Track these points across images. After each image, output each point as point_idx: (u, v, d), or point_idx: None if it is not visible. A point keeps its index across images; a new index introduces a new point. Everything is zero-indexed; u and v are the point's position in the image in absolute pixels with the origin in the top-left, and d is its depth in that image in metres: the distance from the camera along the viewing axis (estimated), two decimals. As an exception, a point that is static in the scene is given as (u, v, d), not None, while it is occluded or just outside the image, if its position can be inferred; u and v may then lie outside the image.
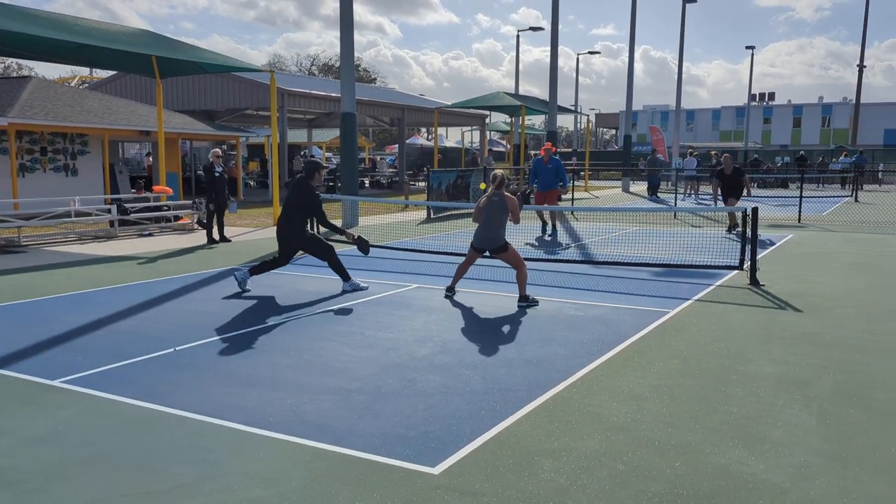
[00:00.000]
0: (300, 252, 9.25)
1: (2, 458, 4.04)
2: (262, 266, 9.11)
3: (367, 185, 33.92)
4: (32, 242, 13.55)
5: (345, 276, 9.07)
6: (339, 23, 16.89)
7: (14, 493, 3.63)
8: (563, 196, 25.47)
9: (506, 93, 33.20)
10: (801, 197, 19.81)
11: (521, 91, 46.60)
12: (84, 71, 43.09)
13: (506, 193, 8.46)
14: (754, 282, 9.43)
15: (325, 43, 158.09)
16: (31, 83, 20.96)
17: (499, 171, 8.70)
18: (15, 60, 59.20)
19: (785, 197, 27.13)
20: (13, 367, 5.72)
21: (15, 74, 54.25)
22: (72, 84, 38.02)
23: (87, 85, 36.21)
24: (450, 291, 8.71)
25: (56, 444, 4.25)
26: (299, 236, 9.03)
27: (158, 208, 16.37)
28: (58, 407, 4.86)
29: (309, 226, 9.36)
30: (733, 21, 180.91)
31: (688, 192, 29.54)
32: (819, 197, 27.42)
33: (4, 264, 11.00)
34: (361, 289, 9.02)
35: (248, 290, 8.89)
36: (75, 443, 4.26)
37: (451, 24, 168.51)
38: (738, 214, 11.16)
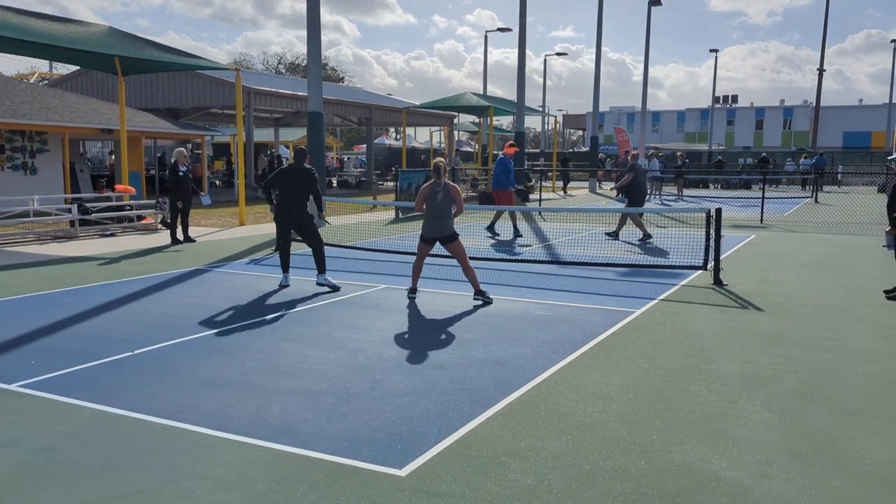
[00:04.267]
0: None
1: (-45, 466, 3.93)
2: (285, 259, 9.42)
3: (334, 185, 33.72)
4: (-11, 243, 13.21)
5: (323, 268, 9.23)
6: (295, 22, 17.05)
7: (-32, 502, 3.53)
8: (532, 196, 25.59)
9: (473, 93, 33.25)
10: (763, 198, 20.17)
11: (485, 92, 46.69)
12: (44, 66, 42.19)
13: (449, 182, 8.35)
14: (718, 281, 9.57)
15: (284, 41, 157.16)
16: (-12, 79, 20.44)
17: (440, 160, 8.49)
18: (-29, 56, 57.71)
19: (748, 198, 27.61)
20: (-32, 371, 5.57)
21: (-29, 70, 52.83)
22: (31, 80, 37.18)
23: (46, 81, 35.43)
24: (412, 293, 8.65)
25: (13, 449, 4.14)
26: (310, 217, 9.34)
27: (121, 208, 16.08)
28: (14, 412, 4.74)
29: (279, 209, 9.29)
30: (689, 25, 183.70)
31: (652, 192, 29.89)
32: (781, 198, 27.95)
33: (-40, 265, 10.70)
34: (334, 286, 9.05)
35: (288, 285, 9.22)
36: (32, 448, 4.16)
37: (409, 24, 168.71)
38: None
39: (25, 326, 7.00)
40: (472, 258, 11.42)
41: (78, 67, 27.84)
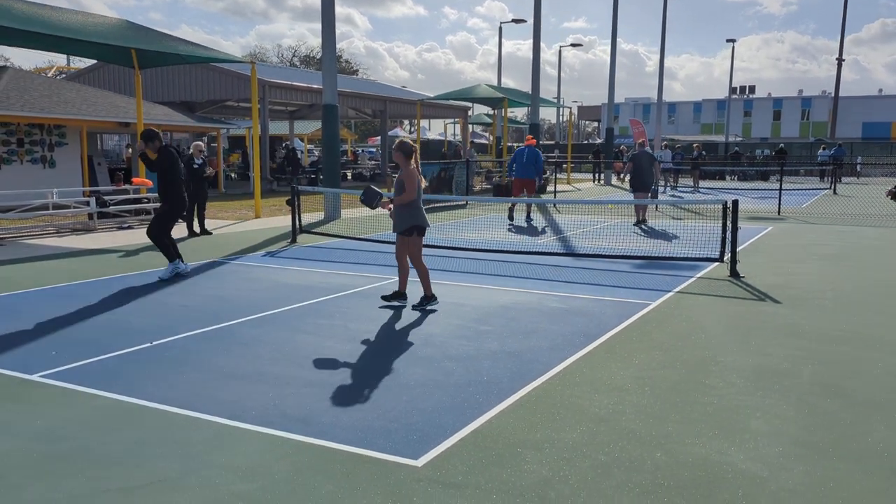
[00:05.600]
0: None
1: (-21, 454, 3.99)
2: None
3: (349, 177, 33.80)
4: (9, 235, 13.37)
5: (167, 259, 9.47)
6: (306, 14, 17.17)
7: (-8, 489, 3.59)
8: (547, 188, 25.56)
9: (488, 85, 33.17)
10: (780, 189, 20.00)
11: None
12: (61, 60, 42.53)
13: (409, 166, 7.48)
14: (734, 274, 9.51)
15: (297, 34, 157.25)
16: (7, 74, 20.64)
17: (407, 139, 7.65)
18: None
19: (765, 189, 27.38)
20: (-10, 361, 5.65)
21: (-10, 64, 53.35)
22: (49, 74, 37.47)
23: (64, 75, 35.71)
24: (400, 298, 7.83)
25: (34, 439, 4.20)
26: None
27: (138, 200, 16.20)
28: (36, 401, 4.81)
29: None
30: (703, 15, 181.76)
31: (666, 184, 29.73)
32: (798, 189, 27.70)
33: (-19, 257, 10.84)
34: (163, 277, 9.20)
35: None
36: (54, 438, 4.22)
37: (420, 16, 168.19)
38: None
39: (46, 317, 7.09)
40: (487, 250, 11.45)
41: (95, 61, 28.04)
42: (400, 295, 7.76)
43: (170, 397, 4.88)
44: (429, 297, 7.66)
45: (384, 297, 7.81)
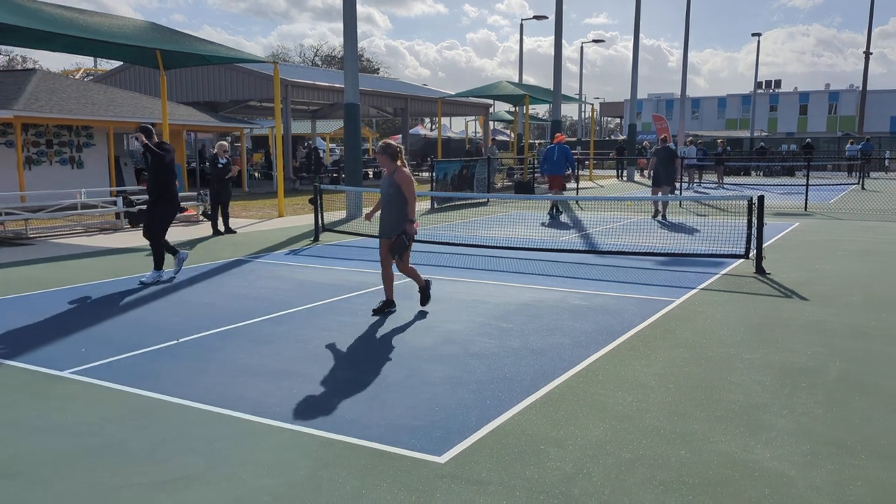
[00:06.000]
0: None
1: (10, 448, 4.07)
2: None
3: (370, 175, 33.91)
4: (39, 235, 13.60)
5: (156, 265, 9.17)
6: (327, 14, 17.20)
7: (22, 484, 3.66)
8: (568, 185, 25.53)
9: (509, 82, 33.09)
10: (807, 185, 19.73)
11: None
12: (89, 62, 43.12)
13: (402, 169, 7.03)
14: (760, 270, 9.41)
15: (318, 34, 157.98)
16: (36, 76, 20.99)
17: (391, 141, 7.16)
18: (19, 53, 59.30)
19: (791, 185, 27.03)
20: (22, 357, 5.76)
21: (20, 67, 54.28)
22: (76, 76, 38.02)
23: (91, 77, 36.22)
24: (390, 306, 7.37)
25: (64, 434, 4.28)
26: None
27: (163, 200, 16.36)
28: (66, 398, 4.89)
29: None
30: (726, 9, 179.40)
31: (691, 181, 29.47)
32: (825, 185, 27.30)
33: (12, 256, 11.04)
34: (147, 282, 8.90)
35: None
36: (83, 433, 4.29)
37: (440, 14, 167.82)
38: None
39: (75, 315, 7.20)
40: (508, 248, 11.43)
41: (121, 63, 28.39)
42: (389, 303, 7.32)
43: (195, 394, 4.93)
44: (391, 302, 7.37)
45: (375, 311, 7.20)
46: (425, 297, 7.46)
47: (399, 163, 7.03)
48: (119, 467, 3.84)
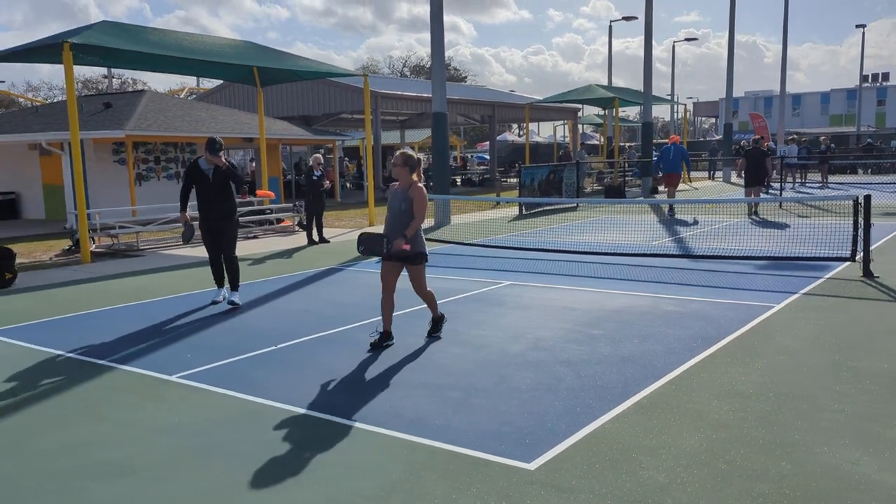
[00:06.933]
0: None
1: (125, 448, 4.36)
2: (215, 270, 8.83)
3: (458, 183, 34.14)
4: (149, 246, 14.42)
5: (235, 285, 8.58)
6: (413, 25, 17.61)
7: (137, 481, 3.91)
8: (660, 188, 24.94)
9: (598, 85, 32.65)
10: (920, 182, 18.53)
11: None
12: (192, 82, 45.40)
13: (417, 183, 6.31)
14: (868, 273, 8.92)
15: (405, 45, 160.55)
16: (146, 97, 22.29)
17: (410, 151, 6.45)
18: (130, 75, 63.09)
19: (903, 183, 25.42)
20: (134, 363, 6.14)
21: (131, 89, 57.76)
22: (181, 95, 40.14)
23: (194, 96, 38.13)
24: (388, 339, 6.49)
25: (174, 435, 4.54)
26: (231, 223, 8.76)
27: (262, 212, 17.08)
28: (174, 401, 5.19)
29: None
30: (826, 1, 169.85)
31: (794, 181, 28.19)
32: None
33: (125, 267, 11.77)
34: (234, 304, 8.38)
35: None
36: (191, 434, 4.54)
37: (525, 20, 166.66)
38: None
39: (181, 322, 7.62)
40: (598, 253, 11.28)
41: (221, 81, 29.77)
42: (387, 335, 6.50)
43: (293, 398, 5.13)
44: (440, 319, 6.82)
45: (374, 345, 6.37)
46: (436, 328, 6.74)
47: (416, 177, 6.35)
48: (225, 467, 4.04)
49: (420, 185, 6.33)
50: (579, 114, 42.52)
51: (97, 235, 14.20)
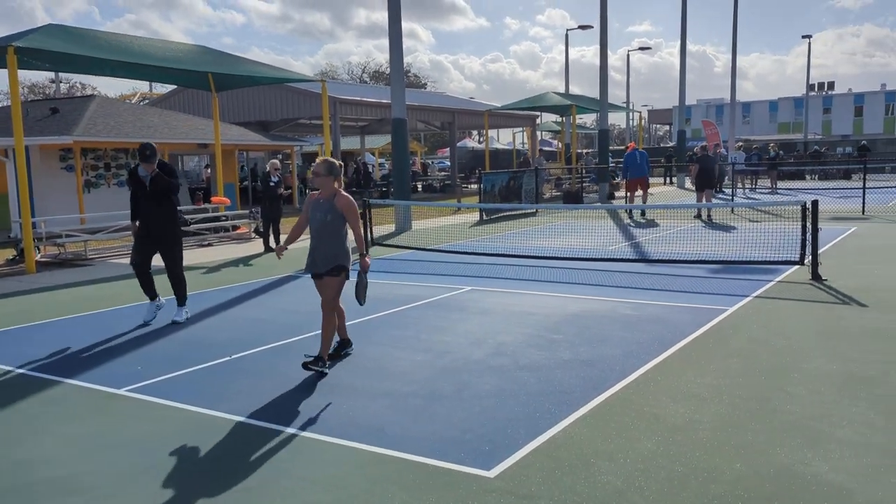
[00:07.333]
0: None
1: (72, 465, 4.22)
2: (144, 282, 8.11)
3: (419, 189, 34.12)
4: (98, 255, 14.06)
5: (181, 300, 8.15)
6: (371, 31, 17.67)
7: (84, 499, 3.78)
8: (617, 194, 25.27)
9: (555, 92, 32.98)
10: (864, 188, 19.11)
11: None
12: (144, 87, 44.60)
13: (342, 192, 5.90)
14: (816, 277, 9.15)
15: (363, 51, 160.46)
16: (95, 102, 21.79)
17: (326, 158, 5.99)
18: (79, 80, 61.58)
19: (848, 188, 26.22)
20: (81, 376, 5.96)
21: (79, 94, 56.40)
22: (133, 100, 39.35)
23: (147, 101, 37.41)
24: (346, 346, 6.37)
25: (123, 451, 4.41)
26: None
27: (217, 219, 16.80)
28: (125, 415, 5.04)
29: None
30: (772, 12, 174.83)
31: (744, 187, 28.84)
32: (884, 187, 26.39)
33: (72, 277, 11.45)
34: (178, 321, 7.91)
35: None
36: (142, 449, 4.41)
37: (482, 28, 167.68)
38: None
39: (131, 334, 7.43)
40: (558, 258, 11.36)
41: (175, 86, 29.29)
42: (345, 343, 6.36)
43: (248, 409, 5.03)
44: (346, 342, 6.40)
45: (330, 356, 6.04)
46: (336, 354, 6.21)
47: (338, 185, 5.91)
48: (177, 482, 3.94)
49: (344, 193, 5.91)
50: (538, 121, 42.93)
51: (43, 244, 13.77)
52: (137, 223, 8.02)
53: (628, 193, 19.80)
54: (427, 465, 4.04)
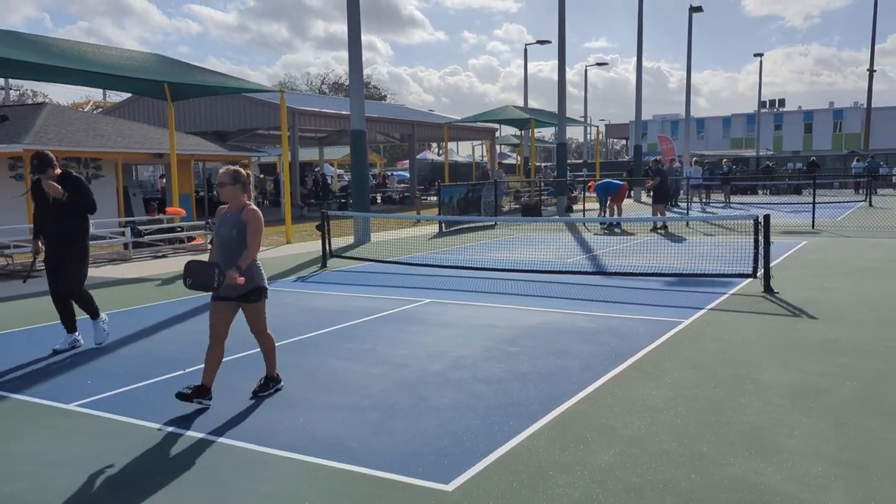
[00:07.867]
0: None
1: (18, 483, 4.07)
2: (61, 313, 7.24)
3: (378, 200, 34.04)
4: (48, 266, 13.67)
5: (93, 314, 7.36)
6: (329, 42, 17.60)
7: (30, 518, 3.64)
8: (575, 207, 25.53)
9: (515, 106, 33.29)
10: (814, 203, 19.67)
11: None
12: (98, 95, 43.73)
13: (250, 205, 5.35)
14: (768, 289, 9.36)
15: (322, 62, 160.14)
16: (46, 110, 21.25)
17: (231, 168, 5.42)
18: (30, 87, 60.13)
19: (798, 203, 26.96)
20: (29, 391, 5.77)
21: (30, 101, 55.02)
22: (85, 109, 38.51)
23: (100, 110, 36.66)
24: (205, 395, 5.27)
25: (72, 468, 4.27)
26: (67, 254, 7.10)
27: (172, 230, 16.50)
28: (73, 431, 4.89)
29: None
30: (724, 31, 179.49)
31: (701, 200, 29.44)
32: (833, 202, 27.22)
33: (22, 289, 11.10)
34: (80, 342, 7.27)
35: None
36: (91, 466, 4.28)
37: (441, 41, 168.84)
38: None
39: (82, 347, 7.22)
40: (516, 270, 11.41)
41: (130, 95, 28.76)
42: (204, 390, 5.29)
43: (202, 424, 4.92)
44: (275, 378, 5.70)
45: (184, 396, 5.19)
46: (265, 388, 5.58)
47: (248, 197, 5.38)
48: (128, 499, 3.82)
49: (253, 206, 5.33)
50: (497, 134, 43.23)
51: (-9, 255, 13.36)
52: (41, 241, 7.09)
53: (616, 206, 20.92)
54: (385, 479, 4.00)
